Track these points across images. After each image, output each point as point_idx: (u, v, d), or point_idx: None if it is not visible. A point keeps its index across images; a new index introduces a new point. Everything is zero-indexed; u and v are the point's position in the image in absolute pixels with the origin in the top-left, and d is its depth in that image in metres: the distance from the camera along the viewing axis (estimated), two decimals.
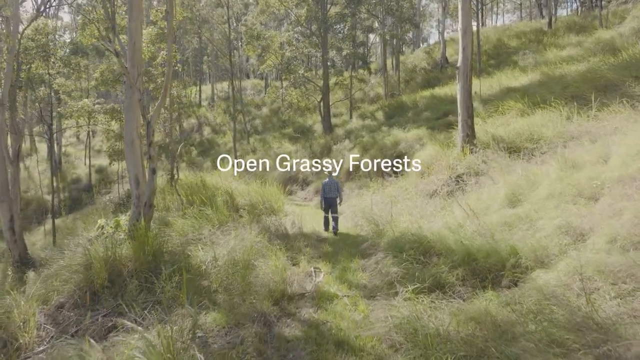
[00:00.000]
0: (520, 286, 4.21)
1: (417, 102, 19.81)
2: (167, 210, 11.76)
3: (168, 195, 11.84)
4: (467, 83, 10.93)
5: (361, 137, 17.19)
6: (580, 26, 27.46)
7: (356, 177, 14.69)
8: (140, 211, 7.63)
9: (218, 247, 6.52)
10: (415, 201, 9.80)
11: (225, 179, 16.84)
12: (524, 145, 10.00)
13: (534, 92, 13.69)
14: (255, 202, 11.82)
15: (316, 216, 11.85)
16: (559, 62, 17.70)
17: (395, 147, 14.40)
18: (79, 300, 6.21)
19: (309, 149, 19.61)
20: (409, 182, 11.08)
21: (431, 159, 11.84)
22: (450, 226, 6.31)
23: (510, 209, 6.35)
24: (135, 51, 7.84)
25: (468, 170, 10.11)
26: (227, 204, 12.05)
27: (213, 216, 8.16)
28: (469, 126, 10.88)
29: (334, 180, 9.94)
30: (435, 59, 31.12)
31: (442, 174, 10.59)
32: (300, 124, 26.87)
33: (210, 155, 28.44)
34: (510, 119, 11.82)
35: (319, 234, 8.84)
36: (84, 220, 15.88)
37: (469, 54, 10.89)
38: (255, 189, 12.82)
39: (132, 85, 7.69)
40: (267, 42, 23.13)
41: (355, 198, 12.37)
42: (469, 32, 10.98)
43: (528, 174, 7.18)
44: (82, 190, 24.64)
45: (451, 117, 16.02)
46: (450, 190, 9.68)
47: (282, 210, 11.49)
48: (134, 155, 7.87)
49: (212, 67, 42.57)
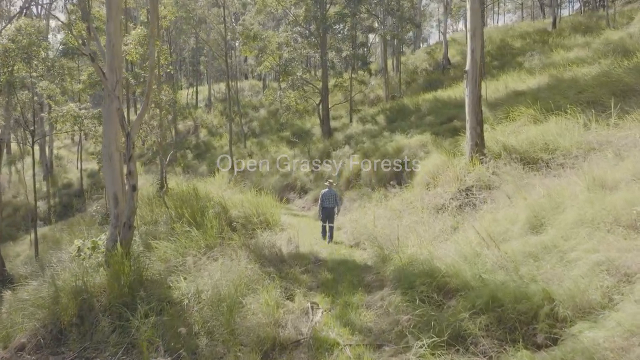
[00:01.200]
0: (561, 345, 3.47)
1: (419, 105, 19.07)
2: (155, 223, 11.01)
3: (156, 207, 11.09)
4: (476, 88, 10.20)
5: (362, 143, 16.44)
6: (585, 26, 26.73)
7: (356, 186, 13.95)
8: (119, 232, 6.89)
9: (203, 276, 5.78)
10: (421, 216, 9.06)
11: (220, 187, 16.11)
12: (539, 155, 9.26)
13: (545, 97, 12.97)
14: (250, 215, 11.08)
15: (315, 230, 11.10)
16: (567, 64, 16.98)
17: (398, 154, 13.66)
18: (42, 340, 5.46)
19: (307, 154, 18.85)
20: (414, 194, 10.34)
21: (437, 168, 11.10)
22: (466, 254, 5.57)
23: (533, 235, 5.61)
24: (114, 54, 7.08)
25: (478, 182, 9.37)
26: (219, 217, 11.32)
27: (199, 238, 7.39)
28: (478, 134, 10.14)
29: (332, 191, 10.28)
30: (437, 60, 30.37)
31: (449, 186, 9.85)
32: (298, 127, 26.12)
33: (206, 159, 27.68)
34: (522, 127, 11.08)
35: (317, 253, 8.10)
36: (70, 230, 15.13)
37: (478, 57, 10.16)
38: (249, 199, 12.09)
39: (110, 92, 6.94)
40: (264, 42, 22.37)
41: (357, 210, 11.64)
42: (479, 34, 10.25)
43: (550, 192, 6.43)
44: (73, 195, 23.86)
45: (456, 123, 15.29)
46: (459, 205, 8.94)
47: (278, 223, 10.75)
48: (112, 171, 7.12)
49: (209, 67, 41.79)
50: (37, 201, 17.87)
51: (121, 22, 7.15)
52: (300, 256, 7.82)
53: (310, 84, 24.09)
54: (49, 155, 27.12)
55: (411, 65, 31.25)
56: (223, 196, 13.17)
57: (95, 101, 30.84)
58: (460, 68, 28.10)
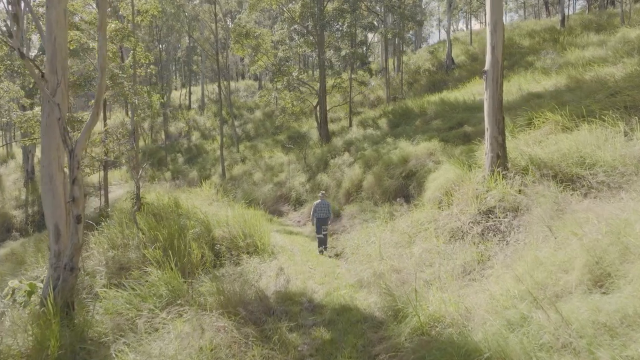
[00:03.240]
0: None
1: (425, 108, 17.64)
2: (125, 247, 9.54)
3: (127, 228, 9.62)
4: (498, 91, 8.76)
5: (363, 150, 14.99)
6: (597, 24, 25.43)
7: (357, 200, 12.52)
8: (60, 275, 5.43)
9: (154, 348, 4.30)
10: (436, 243, 7.64)
11: (207, 198, 14.66)
12: (573, 171, 7.83)
13: (569, 100, 11.57)
14: (236, 236, 9.64)
15: (310, 253, 9.67)
16: (586, 64, 15.60)
17: (404, 164, 12.22)
18: None
19: (303, 162, 17.40)
20: (424, 214, 8.90)
21: (450, 183, 9.67)
22: (509, 318, 4.14)
23: (599, 294, 4.19)
24: (56, 50, 5.62)
25: (501, 203, 7.93)
26: (201, 238, 9.88)
27: (160, 286, 5.91)
28: (499, 145, 8.70)
29: (325, 202, 10.47)
30: (440, 60, 28.99)
31: (466, 205, 8.40)
32: (294, 130, 24.67)
33: (198, 164, 26.22)
34: (548, 135, 9.65)
35: (311, 292, 6.64)
36: (36, 247, 13.64)
37: (499, 55, 8.73)
38: (237, 216, 10.65)
39: (49, 98, 5.46)
40: (257, 40, 20.90)
41: (358, 229, 10.20)
42: (500, 28, 8.82)
43: (609, 226, 5.01)
44: None
45: (467, 128, 13.88)
46: (482, 232, 7.51)
47: (268, 247, 9.31)
48: (53, 196, 5.66)
49: (203, 67, 40.30)
50: (14, 210, 16.45)
51: (66, 9, 5.67)
52: (290, 298, 6.38)
53: (306, 84, 22.65)
54: (30, 160, 25.60)
55: (413, 65, 29.86)
56: (207, 212, 11.75)
57: (77, 105, 29.34)
58: (465, 68, 26.72)
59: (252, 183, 18.53)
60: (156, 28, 29.59)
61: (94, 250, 9.27)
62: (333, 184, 14.17)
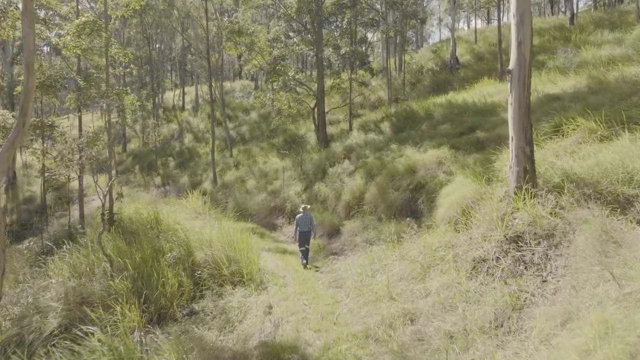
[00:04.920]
0: None
1: (431, 110, 16.34)
2: (91, 275, 8.22)
3: (93, 252, 8.30)
4: (525, 94, 7.47)
5: (364, 158, 13.67)
6: (609, 22, 24.19)
7: (359, 214, 11.22)
8: None
9: None
10: (456, 277, 6.35)
11: (193, 211, 13.35)
12: (618, 190, 6.54)
13: (599, 103, 10.31)
14: (220, 260, 8.34)
15: (305, 282, 8.36)
16: (606, 63, 14.34)
17: (411, 175, 10.93)
18: None
19: (299, 169, 16.08)
20: (439, 238, 7.61)
21: (467, 200, 8.40)
22: None
23: None
24: None
25: (532, 227, 6.63)
26: (180, 264, 8.58)
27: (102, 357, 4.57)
28: (527, 157, 7.40)
29: (308, 215, 10.21)
30: (444, 59, 27.70)
31: (490, 228, 7.10)
32: (291, 133, 23.33)
33: (189, 168, 24.89)
34: (580, 145, 8.37)
35: (304, 351, 5.31)
36: None
37: (527, 52, 7.43)
38: (223, 235, 9.35)
39: None
40: (251, 38, 19.57)
41: (361, 253, 8.90)
42: (528, 20, 7.52)
43: None
44: (34, 211, 20.94)
45: (479, 133, 12.59)
46: (511, 266, 6.21)
47: (256, 276, 8.00)
48: None
49: (197, 66, 38.98)
50: None
51: None
52: (277, 355, 5.07)
53: (304, 85, 21.33)
54: (11, 164, 24.21)
55: (415, 65, 28.57)
56: (191, 229, 10.45)
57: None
58: (471, 68, 25.43)
59: (245, 191, 17.22)
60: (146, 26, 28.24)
61: (52, 279, 7.97)
62: (332, 195, 12.87)
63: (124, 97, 9.97)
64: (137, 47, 30.29)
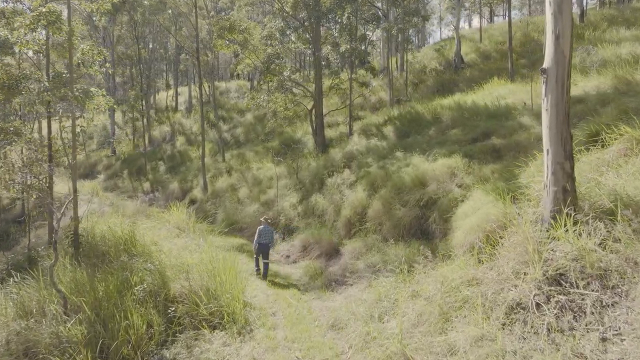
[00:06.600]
0: None
1: (438, 114, 15.05)
2: (41, 316, 6.91)
3: (46, 287, 6.96)
4: (564, 98, 6.18)
5: (366, 166, 12.37)
6: (622, 19, 22.98)
7: (361, 232, 9.92)
8: None
9: None
10: (487, 329, 5.06)
11: (175, 226, 12.03)
12: None
13: (635, 107, 9.04)
14: (197, 297, 7.04)
15: (299, 322, 7.04)
16: (632, 62, 13.10)
17: (420, 189, 9.64)
18: None
19: (295, 177, 14.77)
20: (459, 272, 6.31)
21: (488, 222, 7.12)
22: None
23: None
24: None
25: (577, 263, 5.35)
26: (152, 298, 7.27)
27: None
28: (566, 174, 6.11)
29: (268, 227, 10.15)
30: (448, 58, 26.43)
31: (523, 262, 5.81)
32: (288, 136, 22.01)
33: (180, 174, 23.54)
34: (624, 157, 7.08)
35: None
36: None
37: (567, 47, 6.14)
38: (204, 261, 8.06)
39: None
40: (244, 35, 18.26)
41: (365, 286, 7.60)
42: (567, 9, 6.22)
43: None
44: (11, 221, 19.57)
45: (495, 140, 11.31)
46: (556, 314, 4.93)
47: (240, 316, 6.69)
48: None
49: (190, 66, 37.65)
50: None
51: None
52: None
53: (300, 85, 20.02)
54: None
55: (418, 64, 27.29)
56: (169, 251, 9.16)
57: None
58: (477, 67, 24.13)
59: (237, 201, 15.91)
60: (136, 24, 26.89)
61: None
62: (330, 209, 11.57)
63: (92, 98, 8.64)
64: (126, 46, 28.97)
